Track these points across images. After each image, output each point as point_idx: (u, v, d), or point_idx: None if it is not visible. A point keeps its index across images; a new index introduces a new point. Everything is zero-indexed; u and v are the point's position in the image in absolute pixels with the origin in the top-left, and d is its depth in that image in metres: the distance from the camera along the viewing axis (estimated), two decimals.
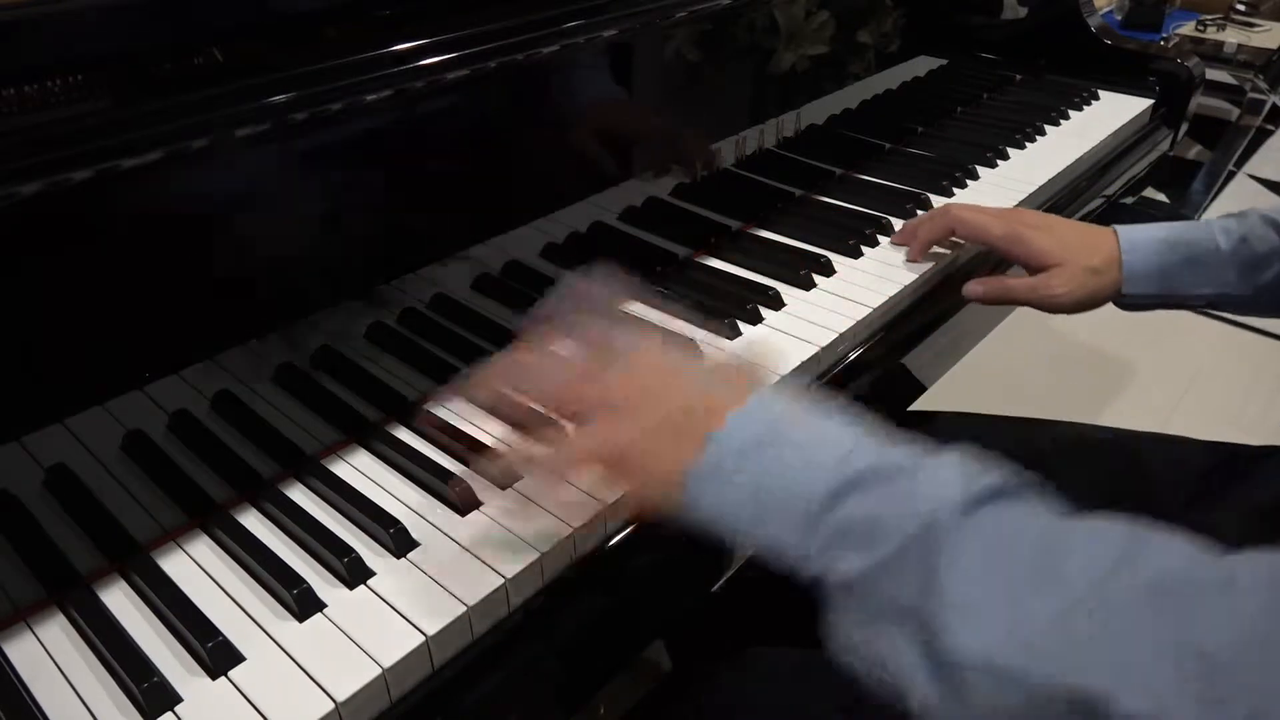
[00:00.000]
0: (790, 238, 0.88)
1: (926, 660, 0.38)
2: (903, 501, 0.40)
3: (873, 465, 0.42)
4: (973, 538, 0.38)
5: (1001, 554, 0.38)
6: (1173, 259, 0.74)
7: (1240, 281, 0.74)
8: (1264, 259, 0.73)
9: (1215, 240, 0.74)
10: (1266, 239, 0.73)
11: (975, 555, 0.38)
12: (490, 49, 0.62)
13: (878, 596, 0.40)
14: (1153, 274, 0.75)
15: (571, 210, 0.74)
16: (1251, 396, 1.81)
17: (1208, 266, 0.74)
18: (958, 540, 0.38)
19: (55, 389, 0.51)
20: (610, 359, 0.50)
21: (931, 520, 0.39)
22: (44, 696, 0.47)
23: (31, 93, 0.46)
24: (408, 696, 0.49)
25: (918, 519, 0.39)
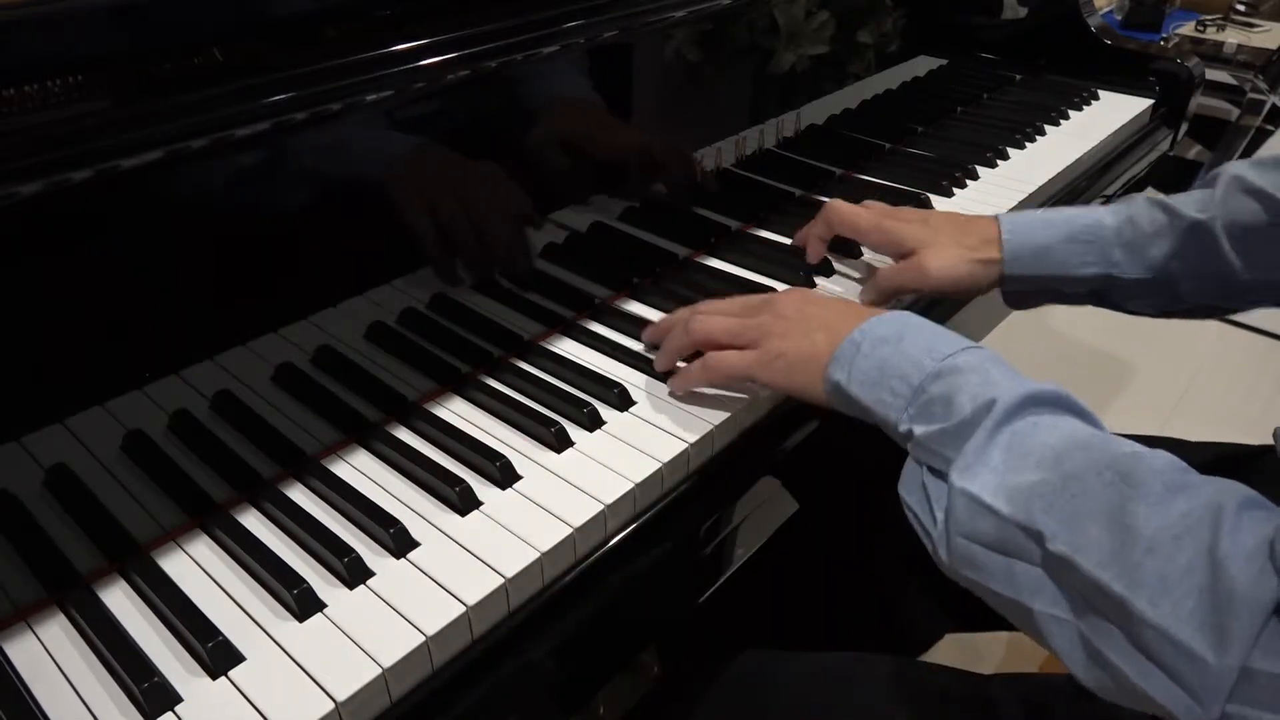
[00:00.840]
0: (790, 238, 0.88)
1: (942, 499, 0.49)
2: (976, 388, 0.50)
3: (969, 362, 0.52)
4: (1015, 422, 0.48)
5: (1027, 438, 0.47)
6: (1054, 237, 0.73)
7: (1128, 261, 0.72)
8: (1150, 237, 0.72)
9: (1099, 217, 0.73)
10: (1153, 218, 0.72)
11: (1009, 432, 0.48)
12: (490, 49, 0.62)
13: (935, 453, 0.50)
14: (1035, 252, 0.73)
15: (571, 210, 0.74)
16: (1251, 396, 1.81)
17: (1091, 244, 0.72)
18: (1002, 419, 0.48)
19: (55, 389, 0.51)
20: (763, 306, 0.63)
21: (989, 403, 0.48)
22: (44, 696, 0.47)
23: (31, 93, 0.46)
24: (408, 696, 0.49)
25: (979, 401, 0.49)
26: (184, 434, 0.56)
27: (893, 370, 0.54)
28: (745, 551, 0.68)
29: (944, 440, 0.50)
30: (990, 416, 0.48)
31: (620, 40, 0.71)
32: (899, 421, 0.53)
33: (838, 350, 0.57)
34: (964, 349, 0.53)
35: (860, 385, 0.55)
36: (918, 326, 0.56)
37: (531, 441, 0.62)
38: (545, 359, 0.70)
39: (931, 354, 0.53)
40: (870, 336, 0.56)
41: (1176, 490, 0.42)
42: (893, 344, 0.55)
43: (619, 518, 0.58)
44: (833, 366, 0.57)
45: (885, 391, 0.54)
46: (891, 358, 0.55)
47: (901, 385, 0.53)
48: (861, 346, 0.56)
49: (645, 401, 0.66)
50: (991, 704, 0.61)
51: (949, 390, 0.51)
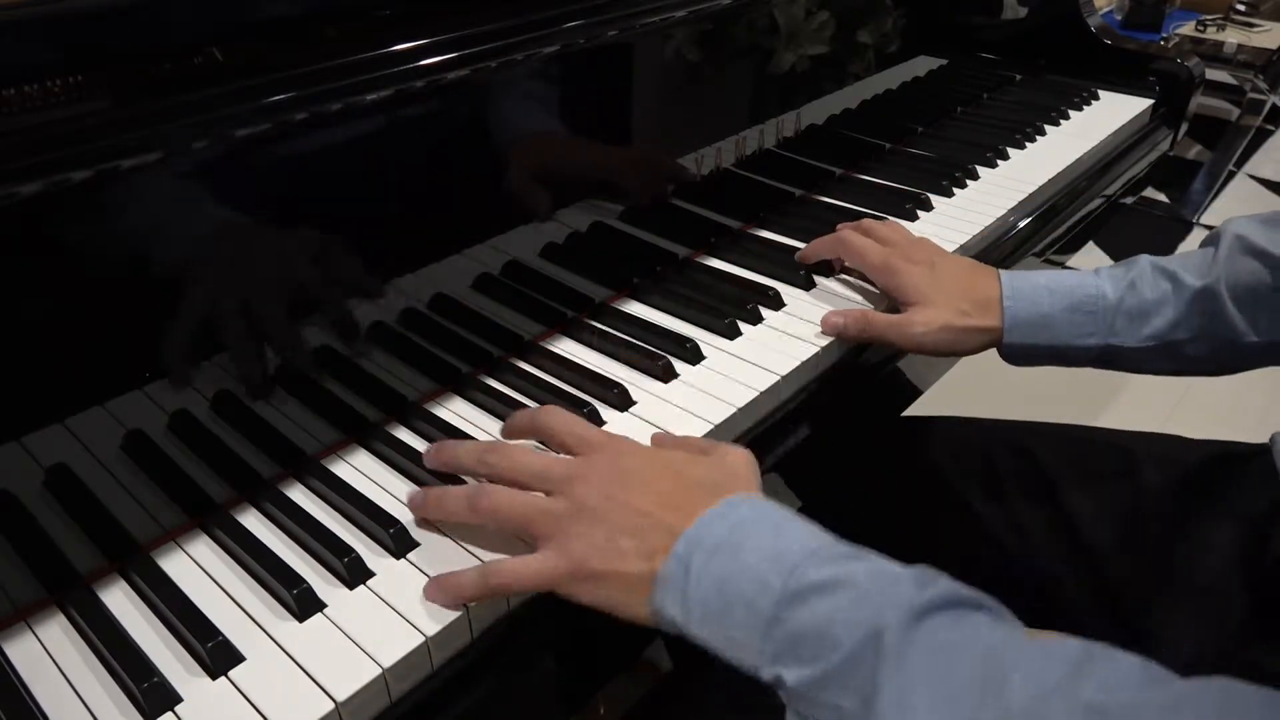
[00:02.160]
0: (790, 238, 0.88)
1: None
2: (852, 611, 0.41)
3: (829, 575, 0.42)
4: (918, 646, 0.39)
5: (945, 665, 0.38)
6: (1056, 306, 0.70)
7: (1129, 330, 0.70)
8: (1152, 306, 0.70)
9: (1102, 288, 0.71)
10: (1156, 286, 0.70)
11: (918, 665, 0.38)
12: (490, 49, 0.62)
13: (825, 706, 0.40)
14: (1035, 321, 0.71)
15: (572, 210, 0.74)
16: (1250, 396, 1.81)
17: (1093, 315, 0.70)
18: (903, 649, 0.38)
19: (55, 389, 0.51)
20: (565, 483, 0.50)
21: (879, 629, 0.39)
22: (44, 696, 0.47)
23: (31, 93, 0.46)
24: (408, 696, 0.49)
25: (865, 628, 0.39)
26: (184, 434, 0.56)
27: (735, 595, 0.43)
28: None
29: (830, 687, 0.40)
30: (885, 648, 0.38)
31: (620, 40, 0.71)
32: (758, 665, 0.43)
33: (662, 572, 0.46)
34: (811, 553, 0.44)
35: (701, 621, 0.44)
36: (757, 520, 0.46)
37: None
38: (545, 359, 0.70)
39: (779, 565, 0.43)
40: (702, 546, 0.45)
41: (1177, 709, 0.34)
42: (730, 554, 0.44)
43: None
44: (661, 597, 0.46)
45: (732, 627, 0.43)
46: (731, 577, 0.44)
47: (750, 616, 0.43)
48: (691, 567, 0.45)
49: (645, 401, 0.66)
50: None
51: (816, 621, 0.41)
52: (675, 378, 0.68)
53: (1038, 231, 0.97)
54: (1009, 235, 0.94)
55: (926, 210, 0.94)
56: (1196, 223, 2.45)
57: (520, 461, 0.52)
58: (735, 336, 0.73)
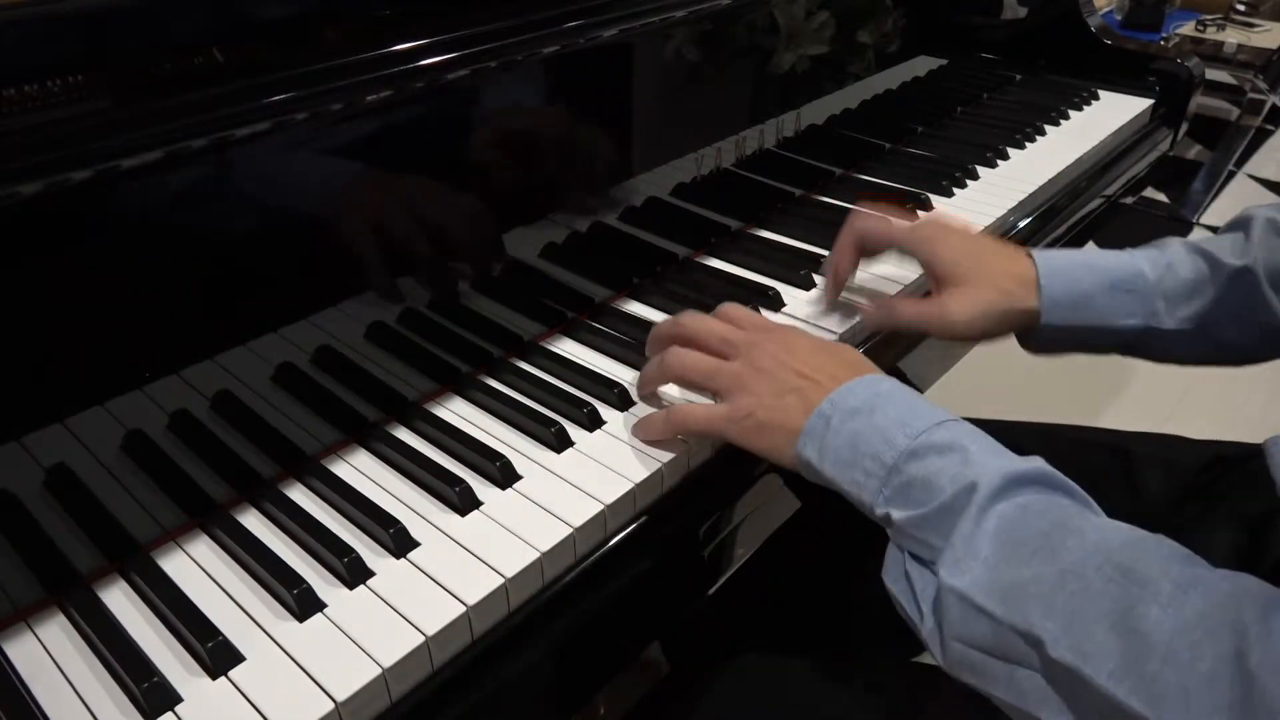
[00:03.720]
0: (790, 238, 0.88)
1: (929, 592, 0.46)
2: (956, 470, 0.47)
3: (945, 439, 0.49)
4: (1001, 505, 0.45)
5: (1015, 524, 0.45)
6: (1097, 285, 0.67)
7: (1168, 313, 0.67)
8: (1192, 287, 0.68)
9: (1140, 266, 0.68)
10: (1194, 266, 0.68)
11: (995, 520, 0.45)
12: (490, 49, 0.62)
13: (917, 542, 0.48)
14: (1076, 301, 0.66)
15: (572, 210, 0.74)
16: (1251, 396, 1.81)
17: (1134, 294, 0.67)
18: (987, 506, 0.45)
19: (55, 389, 0.51)
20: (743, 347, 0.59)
21: (974, 486, 0.46)
22: (44, 696, 0.47)
23: (31, 93, 0.46)
24: (408, 696, 0.49)
25: (963, 484, 0.46)
26: (184, 434, 0.56)
27: (865, 447, 0.51)
28: (745, 551, 0.68)
29: (925, 527, 0.47)
30: (974, 502, 0.45)
31: (620, 40, 0.71)
32: (874, 504, 0.50)
33: (808, 423, 0.53)
34: (939, 423, 0.50)
35: (834, 465, 0.52)
36: (891, 396, 0.53)
37: (531, 441, 0.62)
38: (545, 359, 0.70)
39: (905, 429, 0.50)
40: (840, 408, 0.52)
41: (1188, 587, 0.38)
42: (864, 416, 0.52)
43: (619, 518, 0.58)
44: (804, 441, 0.53)
45: (858, 471, 0.51)
46: (864, 432, 0.51)
47: (874, 464, 0.50)
48: (832, 420, 0.52)
49: (647, 402, 0.66)
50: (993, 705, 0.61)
51: (926, 472, 0.48)
52: None
53: (1038, 232, 0.97)
54: (1009, 235, 0.94)
55: (926, 210, 0.94)
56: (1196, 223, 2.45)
57: (707, 325, 0.61)
58: None
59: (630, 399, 0.66)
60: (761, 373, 0.57)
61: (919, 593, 0.47)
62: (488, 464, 0.59)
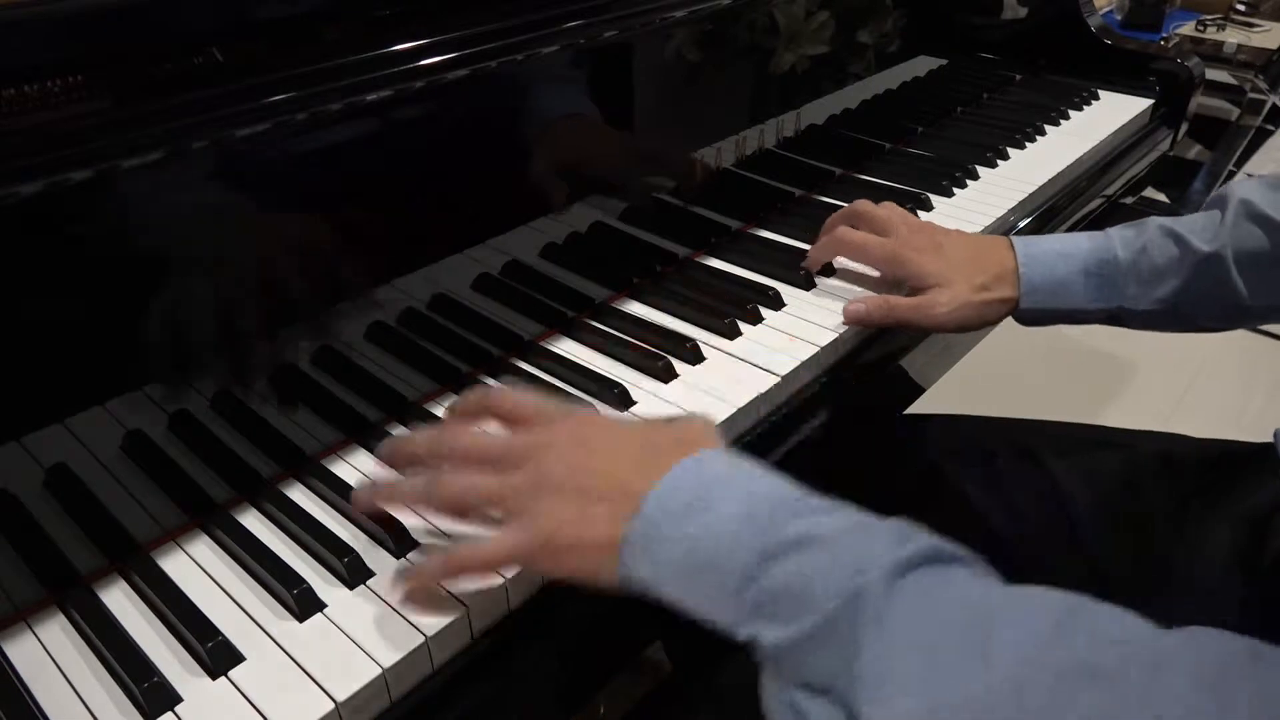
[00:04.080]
0: (790, 238, 0.88)
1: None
2: (830, 568, 0.39)
3: (805, 530, 0.41)
4: (900, 605, 0.37)
5: (928, 624, 0.37)
6: (1072, 271, 0.72)
7: (1140, 293, 0.72)
8: (1163, 271, 0.72)
9: (1114, 251, 0.72)
10: (1165, 250, 0.72)
11: (900, 624, 0.37)
12: (490, 49, 0.62)
13: (805, 667, 0.39)
14: (1051, 286, 0.73)
15: (572, 210, 0.74)
16: (1251, 396, 1.81)
17: (1106, 278, 0.72)
18: (883, 608, 0.37)
19: (55, 389, 0.51)
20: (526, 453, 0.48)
21: (859, 588, 0.38)
22: (44, 696, 0.47)
23: (31, 93, 0.46)
24: (408, 696, 0.49)
25: (844, 586, 0.38)
26: (184, 434, 0.56)
27: (707, 557, 0.42)
28: None
29: (810, 648, 0.38)
30: (866, 613, 0.37)
31: (620, 40, 0.71)
32: (734, 624, 0.41)
33: (628, 533, 0.44)
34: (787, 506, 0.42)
35: (674, 584, 0.43)
36: (724, 479, 0.44)
37: None
38: (545, 359, 0.70)
39: (753, 524, 0.41)
40: (669, 508, 0.43)
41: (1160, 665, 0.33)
42: (699, 514, 0.42)
43: None
44: (629, 557, 0.44)
45: (707, 586, 0.42)
46: (702, 539, 0.42)
47: (725, 577, 0.41)
48: (661, 526, 0.43)
49: (645, 401, 0.66)
50: None
51: (790, 579, 0.40)
52: (675, 378, 0.68)
53: (1038, 232, 0.97)
54: (1009, 235, 0.94)
55: (926, 210, 0.94)
56: None
57: (478, 440, 0.50)
58: (735, 336, 0.73)
59: (630, 399, 0.66)
60: (556, 484, 0.47)
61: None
62: None
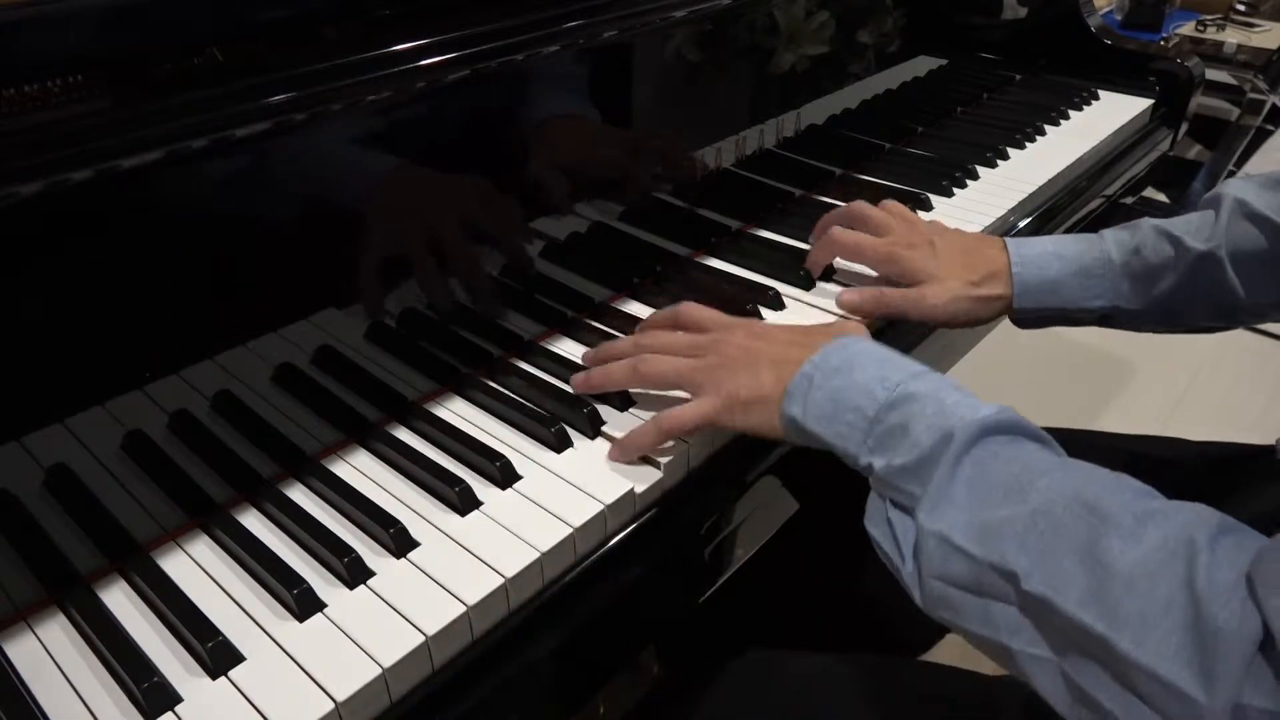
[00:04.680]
0: (790, 238, 0.88)
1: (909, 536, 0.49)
2: (934, 419, 0.49)
3: (920, 390, 0.51)
4: (975, 453, 0.47)
5: (988, 469, 0.47)
6: (1065, 271, 0.74)
7: (1134, 292, 0.73)
8: (1157, 270, 0.72)
9: (1108, 252, 0.74)
10: (1159, 250, 0.72)
11: (969, 467, 0.47)
12: (490, 49, 0.62)
13: (898, 488, 0.49)
14: (1044, 287, 0.74)
15: (572, 210, 0.74)
16: (1251, 396, 1.81)
17: (1100, 279, 0.73)
18: (962, 453, 0.47)
19: (55, 389, 0.51)
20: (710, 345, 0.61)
21: (947, 435, 0.48)
22: (44, 696, 0.47)
23: (31, 93, 0.46)
24: (408, 696, 0.49)
25: (939, 433, 0.48)
26: (184, 434, 0.56)
27: (846, 402, 0.53)
28: (745, 551, 0.68)
29: (904, 475, 0.49)
30: (949, 450, 0.47)
31: (620, 40, 0.71)
32: (858, 455, 0.52)
33: (790, 384, 0.56)
34: (914, 375, 0.53)
35: (816, 420, 0.54)
36: (868, 353, 0.55)
37: (531, 441, 0.62)
38: (545, 359, 0.70)
39: (884, 382, 0.52)
40: (822, 368, 0.55)
41: (1147, 520, 0.41)
42: (845, 374, 0.54)
43: (619, 518, 0.58)
44: (787, 402, 0.56)
45: (841, 424, 0.53)
46: (845, 389, 0.53)
47: (856, 417, 0.52)
48: (814, 379, 0.55)
49: (645, 402, 0.66)
50: (993, 705, 0.61)
51: (904, 421, 0.50)
52: None
53: (1038, 232, 0.97)
54: (1009, 235, 0.94)
55: (926, 210, 0.94)
56: None
57: (667, 339, 0.63)
58: None
59: (631, 399, 0.66)
60: (734, 360, 0.59)
61: (900, 537, 0.49)
62: (488, 464, 0.59)
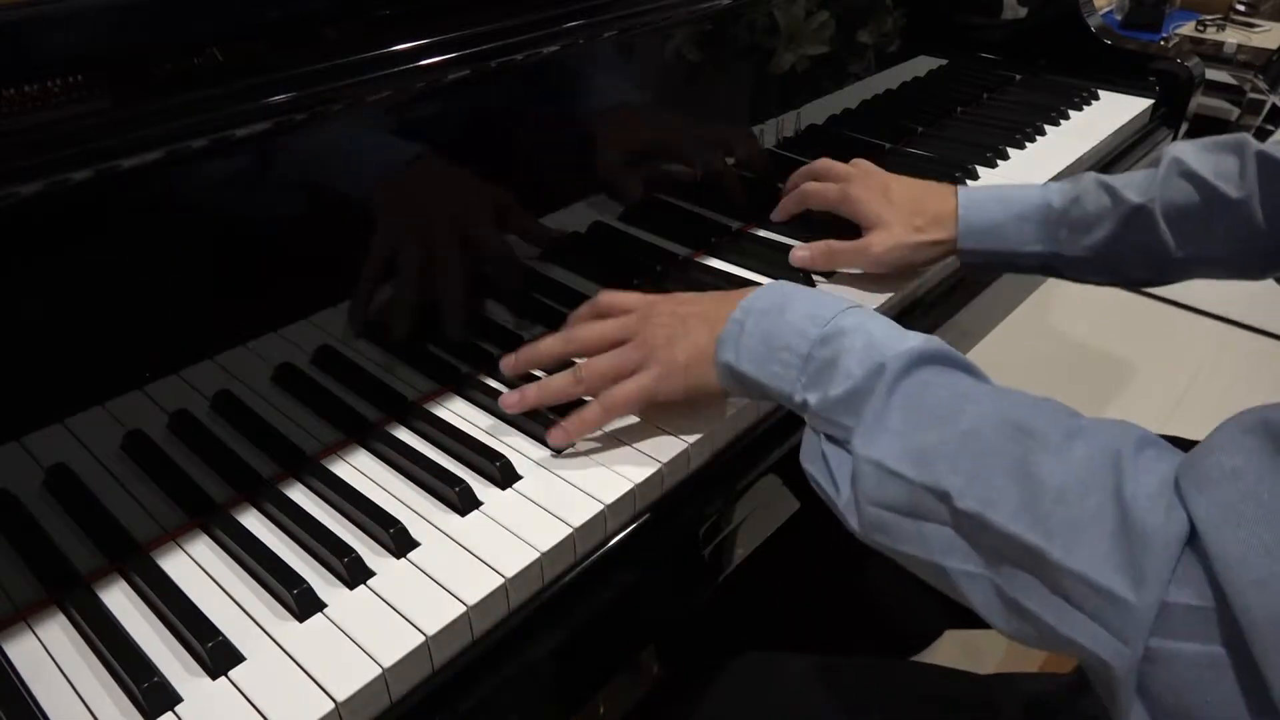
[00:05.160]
0: (791, 238, 0.88)
1: (845, 467, 0.50)
2: (864, 351, 0.50)
3: (850, 324, 0.53)
4: (906, 383, 0.49)
5: (919, 397, 0.48)
6: (1006, 215, 0.77)
7: (1071, 240, 0.76)
8: (1094, 219, 0.75)
9: (1049, 199, 0.77)
10: (1098, 200, 0.75)
11: (901, 396, 0.49)
12: (490, 49, 0.62)
13: (832, 421, 0.51)
14: (986, 229, 0.78)
15: (571, 210, 0.74)
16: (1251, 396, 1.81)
17: (1039, 224, 0.76)
18: (894, 383, 0.49)
19: (55, 389, 0.51)
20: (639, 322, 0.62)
21: (879, 367, 0.49)
22: (44, 696, 0.47)
23: (31, 93, 0.46)
24: (408, 696, 0.49)
25: (870, 363, 0.50)
26: (184, 434, 0.56)
27: (778, 341, 0.54)
28: (745, 551, 0.68)
29: (838, 408, 0.50)
30: (881, 380, 0.49)
31: (620, 40, 0.71)
32: (793, 392, 0.53)
33: (722, 332, 0.57)
34: (844, 310, 0.54)
35: (750, 362, 0.56)
36: (797, 295, 0.57)
37: (532, 441, 0.62)
38: None
39: (814, 319, 0.54)
40: (752, 312, 0.57)
41: (1074, 436, 0.42)
42: (775, 315, 0.56)
43: (619, 518, 0.58)
44: (720, 349, 0.57)
45: (775, 364, 0.54)
46: (776, 328, 0.55)
47: (789, 355, 0.54)
48: (745, 324, 0.56)
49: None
50: (991, 705, 0.62)
51: (836, 355, 0.51)
52: None
53: None
54: None
55: None
56: None
57: (598, 329, 0.63)
58: None
59: None
60: (667, 329, 0.60)
61: (834, 469, 0.51)
62: (488, 464, 0.59)
